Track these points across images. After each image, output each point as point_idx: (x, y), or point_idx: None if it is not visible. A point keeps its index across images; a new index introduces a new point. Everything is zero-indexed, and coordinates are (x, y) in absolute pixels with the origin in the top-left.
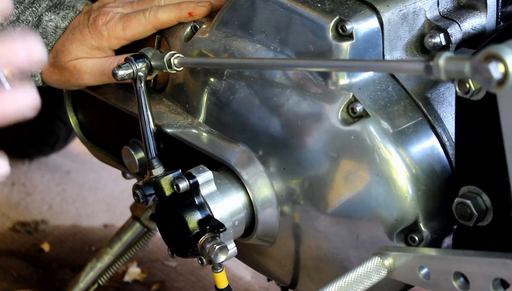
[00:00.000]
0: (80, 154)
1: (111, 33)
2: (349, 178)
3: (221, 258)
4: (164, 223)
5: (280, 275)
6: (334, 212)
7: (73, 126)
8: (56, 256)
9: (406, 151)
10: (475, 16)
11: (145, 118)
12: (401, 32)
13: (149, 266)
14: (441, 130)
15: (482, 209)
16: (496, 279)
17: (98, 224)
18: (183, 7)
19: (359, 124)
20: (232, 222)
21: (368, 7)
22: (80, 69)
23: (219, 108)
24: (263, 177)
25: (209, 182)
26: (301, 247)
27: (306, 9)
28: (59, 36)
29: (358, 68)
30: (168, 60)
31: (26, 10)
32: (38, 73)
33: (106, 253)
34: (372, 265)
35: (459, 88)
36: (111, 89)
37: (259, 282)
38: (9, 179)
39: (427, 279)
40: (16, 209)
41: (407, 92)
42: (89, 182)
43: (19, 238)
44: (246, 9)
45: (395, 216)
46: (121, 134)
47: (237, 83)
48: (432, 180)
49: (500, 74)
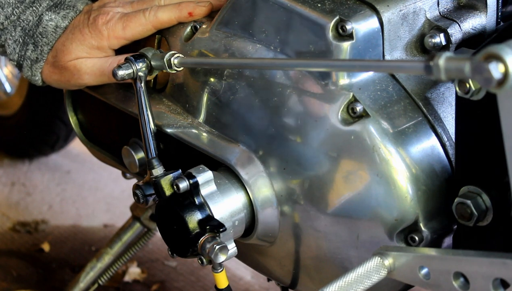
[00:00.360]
0: (80, 154)
1: (111, 33)
2: (349, 178)
3: (221, 258)
4: (164, 223)
5: (280, 275)
6: (334, 212)
7: (73, 126)
8: (56, 256)
9: (406, 151)
10: (475, 16)
11: (145, 118)
12: (401, 32)
13: (149, 266)
14: (441, 130)
15: (482, 209)
16: (496, 279)
17: (98, 224)
18: (183, 7)
19: (359, 124)
20: (232, 222)
21: (368, 7)
22: (80, 69)
23: (219, 108)
24: (263, 177)
25: (209, 182)
26: (301, 247)
27: (306, 9)
28: (59, 35)
29: (358, 68)
30: (168, 60)
31: (26, 9)
32: (38, 73)
33: (106, 253)
34: (372, 265)
35: (459, 88)
36: (111, 89)
37: (259, 282)
38: (9, 179)
39: (427, 279)
40: (16, 209)
41: (407, 92)
42: (89, 182)
43: (19, 238)
44: (246, 9)
45: (395, 216)
46: (121, 134)
47: (237, 83)
48: (432, 180)
49: (500, 74)
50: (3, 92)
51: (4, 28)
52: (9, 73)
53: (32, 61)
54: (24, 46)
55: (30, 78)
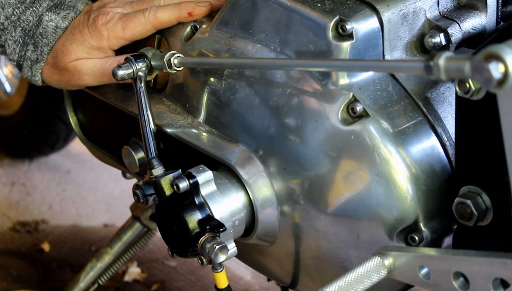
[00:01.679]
0: (80, 154)
1: (111, 33)
2: (349, 178)
3: (221, 258)
4: (164, 223)
5: (280, 275)
6: (334, 212)
7: (73, 126)
8: (56, 256)
9: (406, 151)
10: (475, 16)
11: (145, 118)
12: (401, 32)
13: (149, 266)
14: (441, 130)
15: (482, 209)
16: (496, 279)
17: (98, 224)
18: (183, 7)
19: (359, 124)
20: (232, 221)
21: (368, 7)
22: (81, 70)
23: (219, 108)
24: (263, 176)
25: (209, 181)
26: (301, 247)
27: (306, 9)
28: (59, 36)
29: (358, 68)
30: (168, 60)
31: (27, 10)
32: (38, 74)
33: (106, 253)
34: (372, 265)
35: (459, 88)
36: (111, 89)
37: (259, 282)
38: (9, 179)
39: (427, 279)
40: (16, 209)
41: (407, 92)
42: (89, 182)
43: (19, 238)
44: (246, 9)
45: (395, 215)
46: (121, 134)
47: (237, 83)
48: (432, 179)
49: (500, 74)
50: (3, 92)
51: (4, 28)
52: (9, 73)
53: (32, 62)
54: (24, 47)
55: (30, 78)
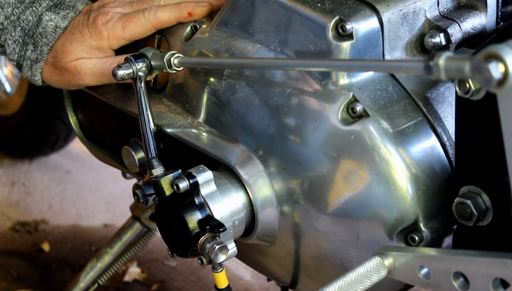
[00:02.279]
0: (80, 154)
1: (111, 33)
2: (349, 178)
3: (221, 258)
4: (164, 223)
5: (280, 275)
6: (334, 212)
7: (73, 126)
8: (56, 256)
9: (406, 151)
10: (475, 16)
11: (145, 118)
12: (401, 32)
13: (149, 266)
14: (441, 130)
15: (482, 209)
16: (496, 279)
17: (98, 224)
18: (183, 7)
19: (359, 124)
20: (232, 221)
21: (368, 7)
22: (81, 70)
23: (219, 108)
24: (263, 176)
25: (209, 181)
26: (301, 247)
27: (306, 9)
28: (59, 36)
29: (358, 68)
30: (168, 60)
31: (26, 9)
32: (38, 73)
33: (106, 253)
34: (372, 265)
35: (459, 88)
36: (111, 89)
37: (259, 282)
38: (9, 178)
39: (427, 279)
40: (16, 209)
41: (407, 92)
42: (89, 182)
43: (19, 238)
44: (246, 9)
45: (395, 216)
46: (121, 134)
47: (237, 83)
48: (432, 179)
49: (500, 74)
50: (3, 92)
51: (4, 28)
52: (9, 73)
53: (32, 62)
54: (24, 46)
55: (30, 78)
